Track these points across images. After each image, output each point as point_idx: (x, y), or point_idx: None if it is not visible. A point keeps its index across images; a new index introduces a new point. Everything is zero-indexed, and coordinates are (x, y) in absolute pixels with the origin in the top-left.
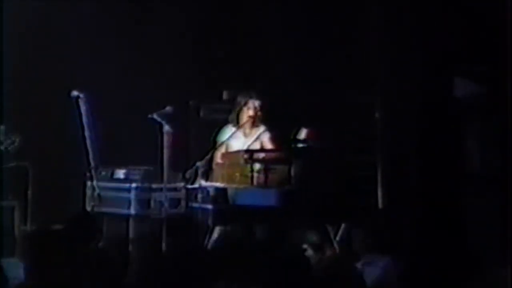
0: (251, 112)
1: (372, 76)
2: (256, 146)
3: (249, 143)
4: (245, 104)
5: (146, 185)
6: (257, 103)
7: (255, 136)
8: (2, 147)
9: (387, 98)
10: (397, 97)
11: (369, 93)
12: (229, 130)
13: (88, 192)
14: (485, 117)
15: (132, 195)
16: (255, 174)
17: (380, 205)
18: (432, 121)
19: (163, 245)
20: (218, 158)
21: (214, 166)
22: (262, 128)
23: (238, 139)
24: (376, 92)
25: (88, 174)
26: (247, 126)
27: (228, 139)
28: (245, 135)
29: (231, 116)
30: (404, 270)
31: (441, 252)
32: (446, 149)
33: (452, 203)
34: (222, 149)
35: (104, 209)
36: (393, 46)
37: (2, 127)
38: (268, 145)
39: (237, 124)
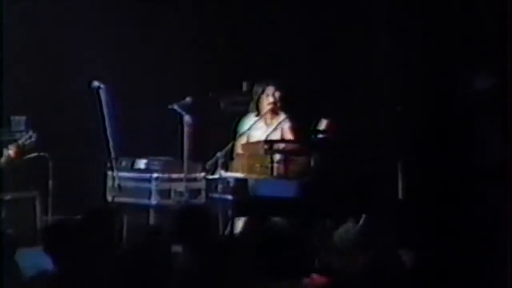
0: (270, 99)
1: (393, 68)
2: (277, 135)
3: (268, 133)
4: (263, 92)
5: (166, 175)
6: (275, 89)
7: (274, 126)
8: (20, 143)
9: (408, 91)
10: (418, 90)
11: (390, 85)
12: (250, 120)
13: (109, 182)
14: (506, 111)
15: (153, 185)
16: (275, 165)
17: (400, 197)
18: (452, 115)
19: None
20: (239, 148)
21: (234, 156)
22: (282, 117)
23: (259, 129)
24: (397, 85)
25: (108, 164)
26: (268, 115)
27: (249, 129)
28: (267, 124)
29: (251, 106)
30: (422, 262)
31: (461, 245)
32: (466, 143)
33: (473, 197)
34: (244, 140)
35: (124, 199)
36: (414, 40)
37: (23, 117)
38: (288, 135)
39: (258, 113)
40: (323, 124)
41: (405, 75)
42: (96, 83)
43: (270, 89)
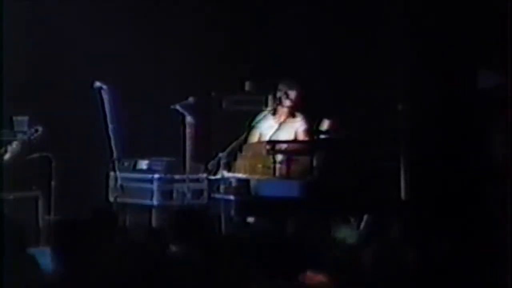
0: (288, 101)
1: (395, 68)
2: (290, 137)
3: (281, 133)
4: (285, 92)
5: (168, 176)
6: (295, 91)
7: (289, 127)
8: (26, 138)
9: (410, 89)
10: (420, 89)
11: (392, 84)
12: (265, 118)
13: (111, 183)
14: (510, 109)
15: (155, 186)
16: (278, 165)
17: (403, 196)
18: (455, 113)
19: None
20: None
21: (242, 154)
22: (299, 119)
23: (271, 128)
24: (399, 84)
25: (111, 165)
26: (283, 115)
27: (257, 123)
28: (279, 124)
29: (270, 104)
30: (423, 261)
31: (464, 244)
32: (468, 141)
33: (476, 195)
34: (257, 137)
35: (126, 200)
36: (416, 38)
37: (26, 118)
38: (302, 137)
39: (274, 111)
40: (325, 124)
41: (406, 75)
42: (98, 84)
43: (290, 91)
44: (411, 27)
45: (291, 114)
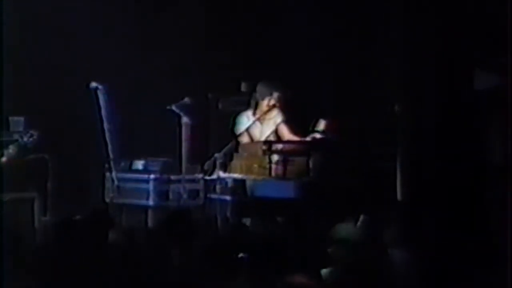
0: (272, 101)
1: (392, 68)
2: (271, 130)
3: (266, 131)
4: (271, 94)
5: (164, 176)
6: (278, 91)
7: (271, 124)
8: (21, 141)
9: (407, 89)
10: (417, 88)
11: (389, 84)
12: (245, 117)
13: (107, 183)
14: (507, 109)
15: (151, 186)
16: (273, 166)
17: (399, 197)
18: (452, 113)
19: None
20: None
21: (236, 155)
22: (278, 118)
23: (255, 127)
24: (395, 84)
25: (107, 165)
26: (265, 115)
27: (247, 128)
28: (262, 124)
29: (252, 103)
30: (421, 263)
31: (461, 245)
32: (466, 141)
33: (472, 196)
34: (246, 138)
35: (123, 200)
36: (412, 38)
37: (22, 118)
38: (286, 136)
39: (254, 111)
40: (321, 125)
41: (404, 75)
42: (94, 84)
43: (276, 93)
44: (410, 27)
45: (271, 114)
